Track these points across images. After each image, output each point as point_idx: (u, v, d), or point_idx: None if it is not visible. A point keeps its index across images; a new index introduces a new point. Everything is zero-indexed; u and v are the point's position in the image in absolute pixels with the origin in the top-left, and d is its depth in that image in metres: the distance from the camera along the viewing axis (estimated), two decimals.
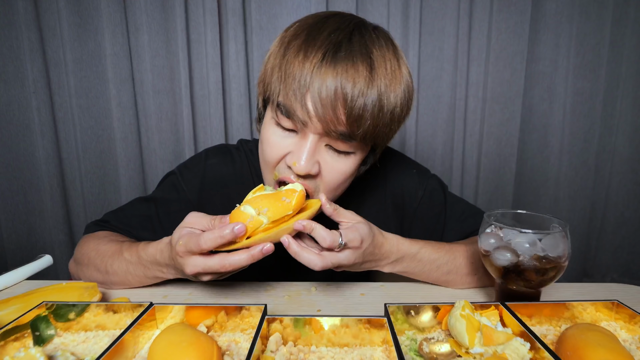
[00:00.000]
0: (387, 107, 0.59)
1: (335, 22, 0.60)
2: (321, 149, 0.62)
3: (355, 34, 0.59)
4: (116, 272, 0.67)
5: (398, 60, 0.61)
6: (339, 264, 0.58)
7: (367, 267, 0.65)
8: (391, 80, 0.59)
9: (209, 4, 1.41)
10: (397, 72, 0.60)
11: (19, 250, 1.54)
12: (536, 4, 1.49)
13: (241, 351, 0.49)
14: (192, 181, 0.79)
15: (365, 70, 0.56)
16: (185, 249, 0.54)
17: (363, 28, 0.61)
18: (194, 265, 0.54)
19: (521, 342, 0.46)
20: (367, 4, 1.48)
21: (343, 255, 0.58)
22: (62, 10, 1.40)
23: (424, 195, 0.80)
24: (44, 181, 1.50)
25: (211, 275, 0.56)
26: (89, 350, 0.50)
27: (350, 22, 0.61)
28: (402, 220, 0.81)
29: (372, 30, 0.61)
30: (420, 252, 0.68)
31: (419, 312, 0.53)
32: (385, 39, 0.62)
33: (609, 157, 1.61)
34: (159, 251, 0.62)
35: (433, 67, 1.54)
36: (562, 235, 0.57)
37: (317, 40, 0.57)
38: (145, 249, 0.65)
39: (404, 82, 0.62)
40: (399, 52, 0.63)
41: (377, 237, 0.63)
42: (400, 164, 0.84)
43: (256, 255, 0.53)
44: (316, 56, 0.56)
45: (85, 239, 0.76)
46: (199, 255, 0.54)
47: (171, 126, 1.53)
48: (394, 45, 0.63)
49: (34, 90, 1.42)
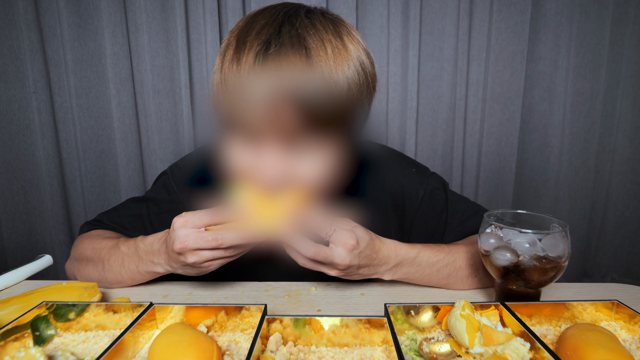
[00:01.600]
0: (336, 89, 0.54)
1: (264, 18, 0.56)
2: (286, 153, 0.57)
3: (285, 25, 0.55)
4: (112, 266, 0.67)
5: (342, 38, 0.56)
6: (331, 261, 0.58)
7: (365, 273, 0.64)
8: (335, 61, 0.54)
9: (209, 4, 1.41)
10: (342, 51, 0.55)
11: (19, 250, 1.54)
12: (536, 4, 1.49)
13: (241, 351, 0.49)
14: (183, 180, 0.79)
15: (300, 61, 0.52)
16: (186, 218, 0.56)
17: (294, 17, 0.56)
18: (185, 236, 0.55)
19: (521, 342, 0.46)
20: (367, 4, 1.48)
21: (336, 252, 0.58)
22: (62, 10, 1.40)
23: (425, 195, 0.80)
24: (44, 181, 1.50)
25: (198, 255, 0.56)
26: (89, 350, 0.50)
27: (279, 14, 0.56)
28: (402, 220, 0.81)
29: (304, 16, 0.56)
30: (419, 256, 0.67)
31: (419, 312, 0.53)
32: (322, 19, 0.57)
33: (609, 157, 1.61)
34: (157, 239, 0.63)
35: (433, 67, 1.54)
36: (562, 235, 0.57)
37: (247, 43, 0.54)
38: (144, 238, 0.65)
39: (353, 59, 0.56)
40: (343, 29, 0.58)
41: (374, 241, 0.62)
42: (399, 163, 0.83)
43: (247, 237, 0.55)
44: (247, 61, 0.53)
45: (80, 239, 0.76)
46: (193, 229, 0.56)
47: (171, 126, 1.53)
48: (334, 23, 0.58)
49: (34, 90, 1.42)
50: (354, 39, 0.58)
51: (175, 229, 0.57)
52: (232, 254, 0.58)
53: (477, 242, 0.63)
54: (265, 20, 0.55)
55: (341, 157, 0.62)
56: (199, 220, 0.56)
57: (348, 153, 0.64)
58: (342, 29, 0.58)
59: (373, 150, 0.83)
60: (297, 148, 0.57)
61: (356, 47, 0.58)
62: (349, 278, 0.64)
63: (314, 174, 0.59)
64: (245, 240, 0.56)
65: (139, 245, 0.65)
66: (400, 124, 1.55)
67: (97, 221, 0.80)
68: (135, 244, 0.66)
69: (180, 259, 0.57)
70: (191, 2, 1.43)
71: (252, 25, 0.56)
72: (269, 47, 0.52)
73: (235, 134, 0.58)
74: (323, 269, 0.60)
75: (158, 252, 0.62)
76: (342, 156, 0.63)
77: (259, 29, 0.55)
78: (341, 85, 0.54)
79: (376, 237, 0.64)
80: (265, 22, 0.55)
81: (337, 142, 0.60)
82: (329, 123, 0.55)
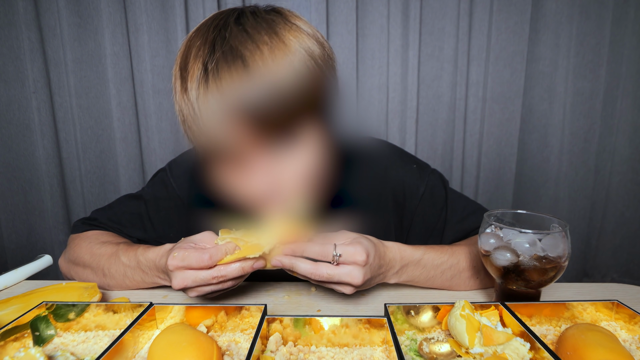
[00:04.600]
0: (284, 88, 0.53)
1: (198, 38, 0.56)
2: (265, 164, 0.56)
3: (217, 41, 0.54)
4: (113, 275, 0.67)
5: (277, 34, 0.54)
6: (346, 281, 0.57)
7: (375, 282, 0.63)
8: (274, 61, 0.52)
9: (209, 4, 1.41)
10: (281, 48, 0.54)
11: (19, 250, 1.54)
12: (536, 4, 1.49)
13: (241, 351, 0.49)
14: (181, 177, 0.78)
15: (237, 73, 0.51)
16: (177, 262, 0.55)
17: (223, 28, 0.55)
18: (183, 278, 0.54)
19: (521, 342, 0.46)
20: (367, 4, 1.48)
21: (349, 272, 0.56)
22: (62, 10, 1.40)
23: (425, 191, 0.79)
24: (44, 181, 1.50)
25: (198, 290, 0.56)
26: (89, 350, 0.50)
27: (209, 30, 0.55)
28: (402, 217, 0.80)
29: (234, 24, 0.55)
30: (424, 258, 0.67)
31: (419, 312, 0.53)
32: (254, 22, 0.55)
33: (609, 157, 1.61)
34: (159, 257, 0.62)
35: (433, 67, 1.54)
36: (562, 235, 0.57)
37: (188, 70, 0.54)
38: (144, 253, 0.64)
39: (296, 51, 0.54)
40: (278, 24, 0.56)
41: (379, 248, 0.62)
42: (400, 159, 0.82)
43: (246, 267, 0.55)
44: (192, 89, 0.53)
45: (76, 240, 0.75)
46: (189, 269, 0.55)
47: (171, 126, 1.53)
48: (267, 21, 0.56)
49: (34, 90, 1.43)
50: (292, 29, 0.56)
51: (171, 270, 0.56)
52: (235, 284, 0.59)
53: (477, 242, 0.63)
54: (200, 40, 0.55)
55: (322, 150, 0.61)
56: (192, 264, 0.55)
57: (330, 143, 0.63)
58: (277, 25, 0.56)
59: (373, 146, 0.82)
60: (272, 156, 0.56)
61: (297, 37, 0.56)
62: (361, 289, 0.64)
63: (298, 174, 0.58)
64: (246, 272, 0.56)
65: (140, 259, 0.64)
66: (400, 124, 1.55)
67: (92, 219, 0.79)
68: (136, 257, 0.65)
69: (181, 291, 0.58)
70: (191, 2, 1.43)
71: (189, 50, 0.55)
72: (207, 69, 0.52)
73: (211, 161, 0.58)
74: (338, 288, 0.59)
75: (163, 270, 0.61)
76: (324, 148, 0.61)
77: (195, 52, 0.54)
78: (288, 82, 0.53)
79: (379, 242, 0.63)
80: (200, 42, 0.55)
81: (312, 136, 0.59)
82: (289, 123, 0.55)
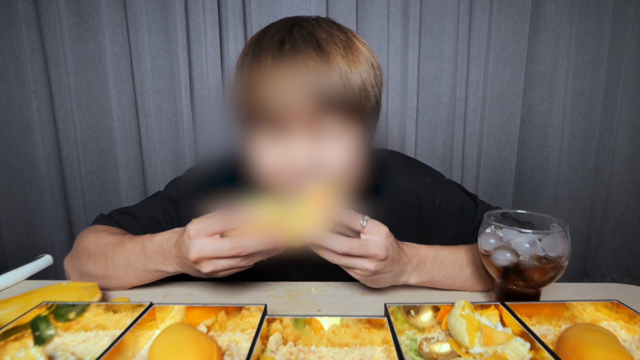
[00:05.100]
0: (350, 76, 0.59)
1: (274, 26, 0.63)
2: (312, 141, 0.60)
3: (295, 27, 0.61)
4: (116, 264, 0.66)
5: (349, 37, 0.62)
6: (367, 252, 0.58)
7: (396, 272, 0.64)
8: (345, 52, 0.59)
9: (209, 4, 1.41)
10: (351, 46, 0.61)
11: (19, 250, 1.54)
12: (536, 4, 1.49)
13: (241, 351, 0.49)
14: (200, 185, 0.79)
15: (313, 51, 0.57)
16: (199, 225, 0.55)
17: (302, 21, 0.63)
18: (202, 245, 0.54)
19: (521, 342, 0.46)
20: (367, 4, 1.48)
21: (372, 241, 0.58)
22: (62, 10, 1.40)
23: (442, 204, 0.80)
24: (44, 181, 1.50)
25: (215, 264, 0.55)
26: (89, 350, 0.50)
27: (288, 21, 0.64)
28: (421, 228, 0.81)
29: (310, 21, 0.63)
30: (439, 254, 0.68)
31: (419, 312, 0.54)
32: (328, 22, 0.64)
33: (609, 157, 1.61)
34: (166, 239, 0.62)
35: (433, 67, 1.54)
36: (562, 235, 0.57)
37: (263, 47, 0.60)
38: (151, 238, 0.64)
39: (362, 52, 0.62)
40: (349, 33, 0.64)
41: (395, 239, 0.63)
42: (415, 170, 0.84)
43: (269, 242, 0.55)
44: (265, 60, 0.58)
45: (85, 232, 0.75)
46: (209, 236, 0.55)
47: (171, 126, 1.53)
48: (340, 27, 0.64)
49: (34, 90, 1.42)
50: (361, 41, 0.64)
51: (190, 237, 0.55)
52: (251, 262, 0.58)
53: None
54: (277, 28, 0.62)
55: (361, 147, 0.65)
56: (215, 227, 0.55)
57: (366, 145, 0.67)
58: (348, 32, 0.64)
59: (388, 157, 0.85)
60: (320, 136, 0.61)
61: (363, 45, 0.64)
62: (375, 285, 0.64)
63: (339, 159, 0.62)
64: (266, 247, 0.55)
65: (147, 244, 0.64)
66: (400, 124, 1.55)
67: (110, 218, 0.80)
68: (142, 242, 0.65)
69: (195, 267, 0.57)
70: (191, 2, 1.43)
71: (264, 34, 0.62)
72: (283, 46, 0.58)
73: (261, 131, 0.61)
74: (358, 264, 0.59)
75: (169, 253, 0.61)
76: (362, 146, 0.65)
77: (271, 35, 0.61)
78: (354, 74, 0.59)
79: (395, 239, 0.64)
80: (277, 29, 0.62)
81: (356, 131, 0.63)
82: (345, 107, 0.59)
